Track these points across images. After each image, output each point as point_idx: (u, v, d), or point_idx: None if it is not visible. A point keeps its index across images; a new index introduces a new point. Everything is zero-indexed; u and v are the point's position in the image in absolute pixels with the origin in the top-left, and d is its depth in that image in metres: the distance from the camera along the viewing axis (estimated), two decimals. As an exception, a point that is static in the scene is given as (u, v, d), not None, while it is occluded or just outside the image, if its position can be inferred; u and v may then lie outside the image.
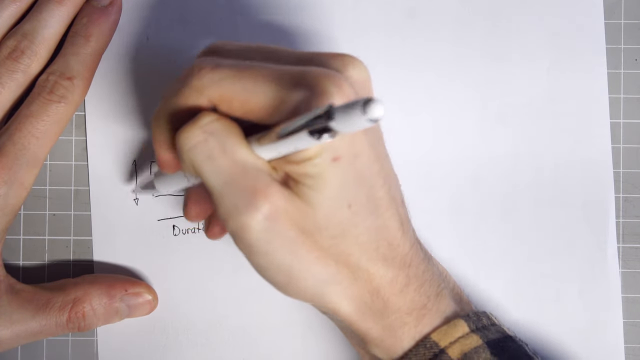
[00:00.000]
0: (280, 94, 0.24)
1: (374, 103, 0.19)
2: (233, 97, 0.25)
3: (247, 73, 0.25)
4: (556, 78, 0.36)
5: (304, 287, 0.27)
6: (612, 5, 0.36)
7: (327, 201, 0.25)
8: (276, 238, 0.26)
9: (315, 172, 0.25)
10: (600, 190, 0.36)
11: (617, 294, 0.36)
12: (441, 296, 0.29)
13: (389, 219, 0.27)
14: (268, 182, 0.25)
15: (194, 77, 0.26)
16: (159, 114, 0.28)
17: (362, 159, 0.26)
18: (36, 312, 0.33)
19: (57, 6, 0.34)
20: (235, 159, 0.25)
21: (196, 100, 0.26)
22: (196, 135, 0.25)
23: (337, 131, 0.21)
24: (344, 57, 0.26)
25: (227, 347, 0.36)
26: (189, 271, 0.36)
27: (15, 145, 0.32)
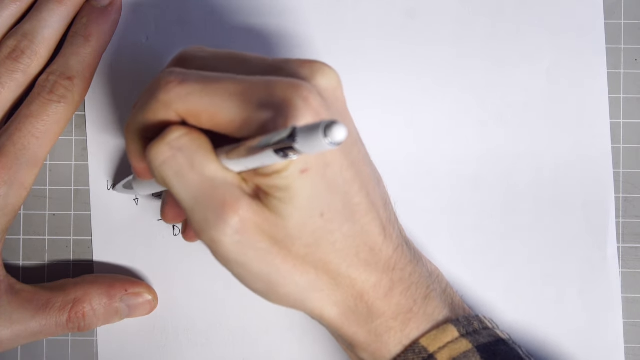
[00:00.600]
0: (246, 110, 0.24)
1: (336, 126, 0.19)
2: (200, 111, 0.25)
3: (214, 88, 0.25)
4: (556, 78, 0.36)
5: (286, 294, 0.27)
6: (612, 5, 0.36)
7: (298, 212, 0.25)
8: (249, 250, 0.26)
9: (284, 184, 0.25)
10: (600, 190, 0.36)
11: (617, 294, 0.36)
12: (429, 299, 0.29)
13: (368, 224, 0.27)
14: (237, 196, 0.25)
15: (161, 91, 0.25)
16: (130, 126, 0.28)
17: (334, 168, 0.26)
18: (36, 312, 0.33)
19: (57, 6, 0.34)
20: (204, 174, 0.25)
21: (164, 114, 0.26)
22: (164, 152, 0.25)
23: (301, 152, 0.21)
24: (313, 64, 0.26)
25: (227, 347, 0.36)
26: (189, 271, 0.36)
27: (15, 145, 0.32)
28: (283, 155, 0.22)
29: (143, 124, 0.27)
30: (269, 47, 0.36)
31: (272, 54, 0.36)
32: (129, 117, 0.28)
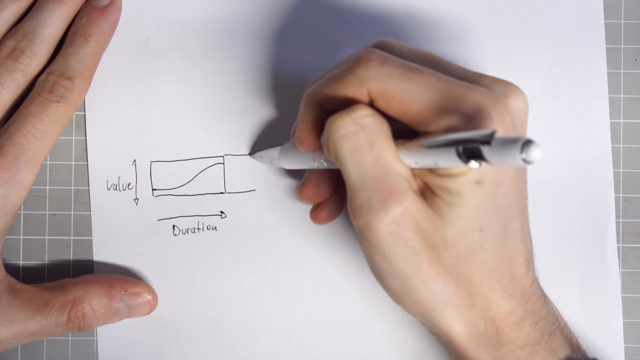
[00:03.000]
0: (441, 104, 0.24)
1: (534, 146, 0.19)
2: (394, 95, 0.25)
3: (415, 76, 0.25)
4: (556, 78, 0.36)
5: (419, 300, 0.27)
6: (612, 5, 0.36)
7: (460, 220, 0.25)
8: (400, 244, 0.25)
9: (456, 189, 0.24)
10: (600, 190, 0.36)
11: (617, 294, 0.36)
12: (554, 335, 0.29)
13: (517, 253, 0.27)
14: (405, 188, 0.25)
15: (361, 66, 0.25)
16: (312, 95, 0.27)
17: (504, 189, 0.25)
18: (36, 312, 0.33)
19: (57, 6, 0.34)
20: (379, 158, 0.25)
21: (355, 91, 0.26)
22: (348, 126, 0.25)
23: (487, 160, 0.21)
24: (508, 85, 0.26)
25: (227, 347, 0.36)
26: (189, 271, 0.36)
27: (14, 145, 0.32)
28: (465, 159, 0.22)
29: (328, 95, 0.27)
30: (269, 47, 0.36)
31: (271, 53, 0.36)
32: (313, 86, 0.28)
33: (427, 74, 0.25)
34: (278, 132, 0.36)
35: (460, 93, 0.24)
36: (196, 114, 0.36)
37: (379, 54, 0.26)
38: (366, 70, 0.25)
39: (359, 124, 0.25)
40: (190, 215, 0.36)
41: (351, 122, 0.25)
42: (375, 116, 0.26)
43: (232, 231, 0.36)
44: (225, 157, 0.36)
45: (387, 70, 0.25)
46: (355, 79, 0.25)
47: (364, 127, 0.25)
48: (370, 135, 0.25)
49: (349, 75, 0.26)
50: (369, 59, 0.26)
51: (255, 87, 0.36)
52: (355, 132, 0.25)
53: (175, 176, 0.36)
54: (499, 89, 0.26)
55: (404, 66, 0.25)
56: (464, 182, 0.24)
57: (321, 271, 0.36)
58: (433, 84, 0.25)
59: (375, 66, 0.25)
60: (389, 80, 0.25)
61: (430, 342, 0.36)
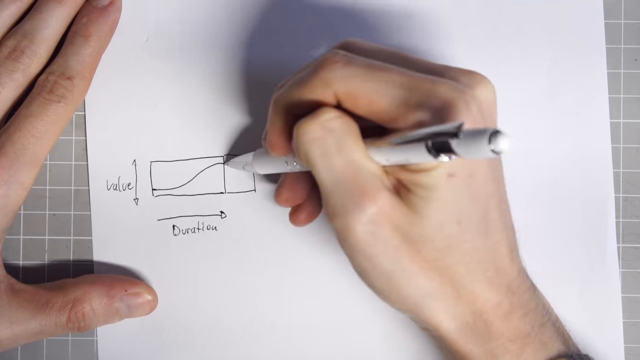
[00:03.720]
0: (408, 100, 0.24)
1: (502, 136, 0.19)
2: (360, 95, 0.25)
3: (379, 74, 0.25)
4: (556, 78, 0.36)
5: (405, 296, 0.27)
6: (612, 5, 0.36)
7: (437, 214, 0.25)
8: (379, 243, 0.25)
9: (429, 183, 0.24)
10: (600, 190, 0.36)
11: (617, 294, 0.36)
12: (545, 327, 0.29)
13: (498, 243, 0.27)
14: (378, 187, 0.25)
15: (325, 69, 0.25)
16: (280, 100, 0.27)
17: (478, 179, 0.25)
18: (36, 312, 0.33)
19: (57, 6, 0.34)
20: (350, 160, 0.25)
21: (321, 93, 0.26)
22: (315, 131, 0.25)
23: (456, 153, 0.21)
24: (474, 74, 0.26)
25: (226, 347, 0.36)
26: (189, 271, 0.36)
27: (14, 145, 0.32)
28: (435, 154, 0.22)
29: (295, 99, 0.27)
30: (269, 47, 0.36)
31: (272, 53, 0.36)
32: (281, 90, 0.28)
33: (391, 71, 0.25)
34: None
35: (426, 87, 0.24)
36: (196, 114, 0.36)
37: (342, 55, 0.26)
38: (330, 72, 0.25)
39: (326, 128, 0.25)
40: (190, 215, 0.36)
41: (318, 126, 0.25)
42: (342, 118, 0.25)
43: (232, 231, 0.36)
44: (225, 157, 0.36)
45: (351, 70, 0.25)
46: (320, 82, 0.25)
47: (332, 130, 0.25)
48: (338, 137, 0.25)
49: (314, 78, 0.26)
50: (332, 61, 0.25)
51: (255, 87, 0.36)
52: (323, 136, 0.25)
53: (175, 176, 0.36)
54: (466, 79, 0.26)
55: (368, 65, 0.25)
56: (437, 176, 0.24)
57: (321, 271, 0.36)
58: (398, 81, 0.25)
59: (340, 67, 0.25)
60: (354, 80, 0.25)
61: (429, 342, 0.36)
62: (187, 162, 0.36)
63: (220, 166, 0.36)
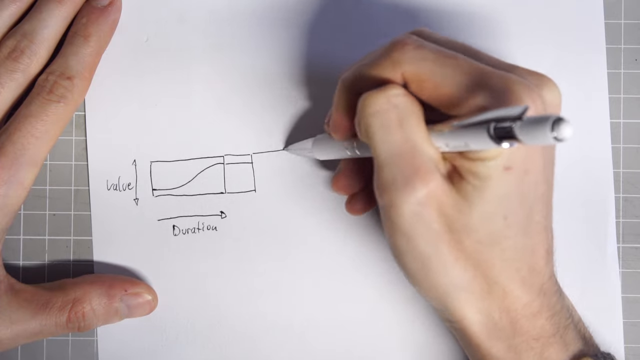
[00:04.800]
0: (473, 87, 0.24)
1: (565, 123, 0.20)
2: (427, 79, 0.25)
3: (448, 60, 0.25)
4: (556, 78, 0.36)
5: (436, 284, 0.27)
6: (612, 5, 0.36)
7: (486, 205, 0.25)
8: (421, 225, 0.25)
9: (484, 173, 0.24)
10: (600, 190, 0.36)
11: (617, 294, 0.36)
12: (568, 329, 0.29)
13: (538, 244, 0.27)
14: (432, 169, 0.25)
15: (396, 49, 0.26)
16: (348, 78, 0.28)
17: (531, 178, 0.25)
18: (36, 312, 0.33)
19: (57, 6, 0.34)
20: (409, 137, 0.25)
21: (390, 73, 0.26)
22: (381, 103, 0.25)
23: (519, 139, 0.21)
24: (542, 76, 0.26)
25: (227, 347, 0.36)
26: (189, 271, 0.36)
27: (14, 145, 0.32)
28: (498, 141, 0.22)
29: (363, 77, 0.27)
30: (269, 47, 0.36)
31: (272, 53, 0.36)
32: (348, 70, 0.28)
33: (461, 59, 0.25)
34: (278, 134, 0.36)
35: (494, 79, 0.24)
36: (196, 113, 0.36)
37: (414, 39, 0.26)
38: (402, 53, 0.26)
39: (391, 102, 0.25)
40: (190, 215, 0.36)
41: (384, 99, 0.25)
42: (408, 96, 0.26)
43: (232, 231, 0.36)
44: (225, 157, 0.36)
45: (422, 54, 0.26)
46: (390, 62, 0.26)
47: (396, 105, 0.25)
48: (401, 114, 0.25)
49: (384, 58, 0.26)
50: (404, 43, 0.26)
51: (255, 87, 0.36)
52: (387, 109, 0.25)
53: (175, 176, 0.36)
54: (533, 79, 0.26)
55: (439, 51, 0.26)
56: (493, 166, 0.24)
57: (321, 271, 0.36)
58: (467, 68, 0.25)
59: (411, 50, 0.26)
60: (423, 63, 0.25)
61: (430, 341, 0.36)
62: (187, 162, 0.36)
63: (220, 166, 0.36)
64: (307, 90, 0.36)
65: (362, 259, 0.36)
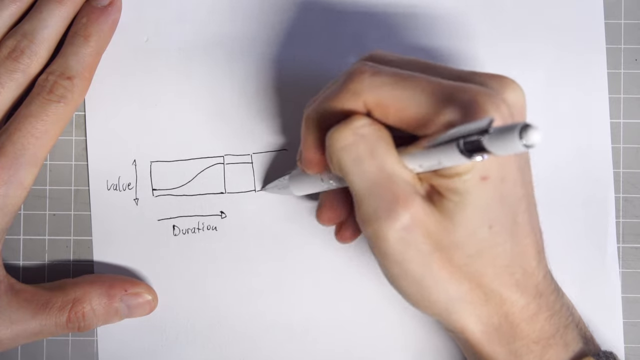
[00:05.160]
0: (437, 106, 0.24)
1: (533, 129, 0.19)
2: (389, 104, 0.25)
3: (407, 82, 0.25)
4: (556, 78, 0.36)
5: (435, 301, 0.27)
6: (612, 5, 0.36)
7: (469, 219, 0.25)
8: (411, 249, 0.25)
9: (462, 188, 0.25)
10: (600, 190, 0.36)
11: (617, 294, 0.36)
12: (569, 329, 0.29)
13: (527, 246, 0.27)
14: (411, 193, 0.25)
15: (354, 80, 0.26)
16: (311, 114, 0.28)
17: (509, 183, 0.26)
18: (36, 312, 0.33)
19: (57, 6, 0.34)
20: (382, 166, 0.25)
21: (351, 104, 0.26)
22: (347, 137, 0.25)
23: (489, 151, 0.21)
24: (503, 79, 0.26)
25: (227, 347, 0.36)
26: (189, 271, 0.36)
27: (14, 145, 0.32)
28: (467, 154, 0.22)
29: (326, 112, 0.27)
30: (269, 47, 0.36)
31: (273, 53, 0.36)
32: (311, 106, 0.28)
33: (419, 78, 0.25)
34: (278, 134, 0.36)
35: (454, 92, 0.24)
36: (196, 114, 0.36)
37: (370, 66, 0.26)
38: (359, 82, 0.26)
39: (358, 134, 0.25)
40: (190, 215, 0.36)
41: (350, 132, 0.25)
42: (374, 124, 0.26)
43: (232, 231, 0.36)
44: (225, 157, 0.36)
45: (380, 80, 0.25)
46: (350, 93, 0.26)
47: (364, 136, 0.25)
48: (370, 143, 0.25)
49: (343, 90, 0.26)
50: (361, 71, 0.26)
51: (255, 87, 0.36)
52: (355, 142, 0.25)
53: (175, 176, 0.36)
54: (494, 84, 0.26)
55: (396, 74, 0.26)
56: (470, 179, 0.24)
57: (321, 271, 0.36)
58: (426, 87, 0.25)
59: (368, 77, 0.26)
60: (382, 89, 0.25)
61: (430, 341, 0.36)
62: (187, 162, 0.36)
63: (220, 166, 0.36)
64: (308, 90, 0.36)
65: (362, 259, 0.36)
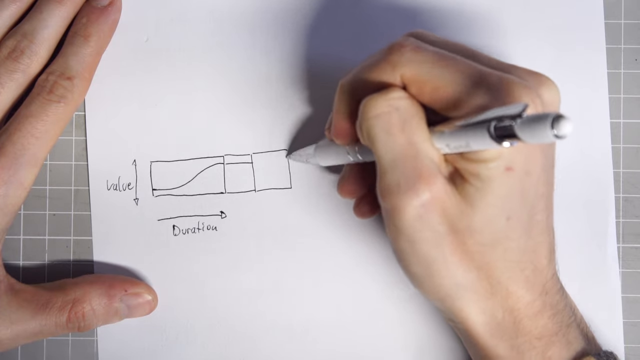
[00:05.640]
0: (473, 90, 0.24)
1: (565, 120, 0.20)
2: (427, 81, 0.25)
3: (447, 62, 0.25)
4: (556, 78, 0.36)
5: (439, 285, 0.27)
6: (612, 5, 0.36)
7: (489, 207, 0.25)
8: (425, 228, 0.25)
9: (486, 175, 0.25)
10: (600, 190, 0.36)
11: (617, 294, 0.36)
12: (571, 328, 0.29)
13: (540, 244, 0.27)
14: (435, 172, 0.25)
15: (394, 52, 0.26)
16: (347, 83, 0.28)
17: (532, 178, 0.26)
18: (36, 312, 0.33)
19: (57, 6, 0.34)
20: (411, 141, 0.25)
21: (389, 76, 0.26)
22: (382, 106, 0.25)
23: (519, 138, 0.21)
24: (540, 76, 0.26)
25: (227, 347, 0.36)
26: (189, 271, 0.36)
27: (14, 145, 0.32)
28: (498, 140, 0.22)
29: (363, 81, 0.27)
30: (269, 47, 0.36)
31: (272, 53, 0.36)
32: (347, 74, 0.28)
33: (459, 60, 0.25)
34: (278, 134, 0.36)
35: (493, 80, 0.24)
36: (196, 113, 0.36)
37: (412, 41, 0.26)
38: (400, 55, 0.26)
39: (392, 105, 0.25)
40: (190, 215, 0.36)
41: (385, 102, 0.25)
42: (409, 99, 0.26)
43: (232, 231, 0.36)
44: (225, 157, 0.36)
45: (420, 56, 0.26)
46: (389, 65, 0.26)
47: (398, 108, 0.25)
48: (403, 116, 0.25)
49: (383, 61, 0.26)
50: (402, 45, 0.26)
51: (255, 87, 0.36)
52: (389, 112, 0.25)
53: (175, 176, 0.36)
54: (531, 80, 0.26)
55: (437, 53, 0.26)
56: (495, 167, 0.24)
57: (322, 271, 0.36)
58: (465, 70, 0.25)
59: (409, 52, 0.26)
60: (422, 65, 0.25)
61: (430, 341, 0.36)
62: (187, 162, 0.36)
63: (220, 166, 0.36)
64: (307, 90, 0.36)
65: (363, 258, 0.36)
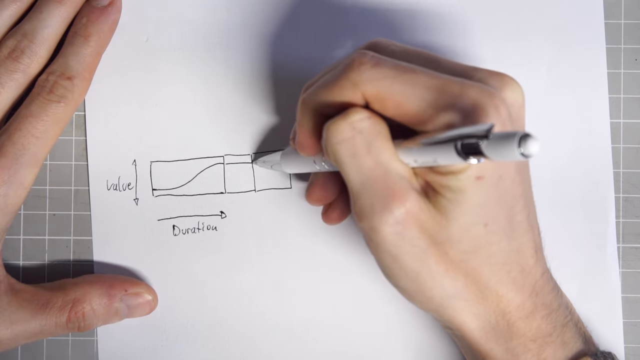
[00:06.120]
0: (436, 103, 0.24)
1: (532, 139, 0.20)
2: (389, 97, 0.25)
3: (408, 76, 0.25)
4: (556, 78, 0.36)
5: (430, 297, 0.27)
6: (612, 5, 0.36)
7: (464, 217, 0.25)
8: (406, 243, 0.25)
9: (457, 186, 0.24)
10: (600, 190, 0.36)
11: (617, 294, 0.36)
12: (567, 327, 0.29)
13: (524, 244, 0.27)
14: (406, 188, 0.25)
15: (354, 70, 0.25)
16: (308, 101, 0.27)
17: (506, 182, 0.25)
18: (36, 312, 0.33)
19: (57, 6, 0.34)
20: (379, 161, 0.25)
21: (350, 94, 0.26)
22: (344, 131, 0.25)
23: (486, 156, 0.21)
24: (503, 76, 0.26)
25: (227, 347, 0.36)
26: (189, 271, 0.36)
27: (14, 145, 0.32)
28: (463, 156, 0.22)
29: (323, 101, 0.26)
30: (269, 46, 0.36)
31: (272, 52, 0.36)
32: (308, 92, 0.27)
33: (420, 73, 0.25)
34: (278, 134, 0.36)
35: (455, 90, 0.24)
36: (196, 114, 0.36)
37: (371, 56, 0.26)
38: (359, 73, 0.25)
39: (355, 129, 0.25)
40: (190, 215, 0.36)
41: (347, 126, 0.25)
42: (372, 118, 0.25)
43: (232, 231, 0.36)
44: (225, 157, 0.36)
45: (380, 72, 0.25)
46: (349, 83, 0.25)
47: (361, 130, 0.25)
48: (367, 138, 0.25)
49: (342, 79, 0.26)
50: (361, 62, 0.25)
51: (255, 87, 0.36)
52: (352, 136, 0.25)
53: (175, 176, 0.36)
54: (494, 81, 0.26)
55: (397, 67, 0.25)
56: (465, 178, 0.24)
57: (321, 271, 0.36)
58: (427, 83, 0.25)
59: (368, 69, 0.25)
60: (382, 82, 0.25)
61: (430, 341, 0.36)
62: (187, 162, 0.36)
63: (220, 166, 0.36)
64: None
65: (362, 258, 0.36)
